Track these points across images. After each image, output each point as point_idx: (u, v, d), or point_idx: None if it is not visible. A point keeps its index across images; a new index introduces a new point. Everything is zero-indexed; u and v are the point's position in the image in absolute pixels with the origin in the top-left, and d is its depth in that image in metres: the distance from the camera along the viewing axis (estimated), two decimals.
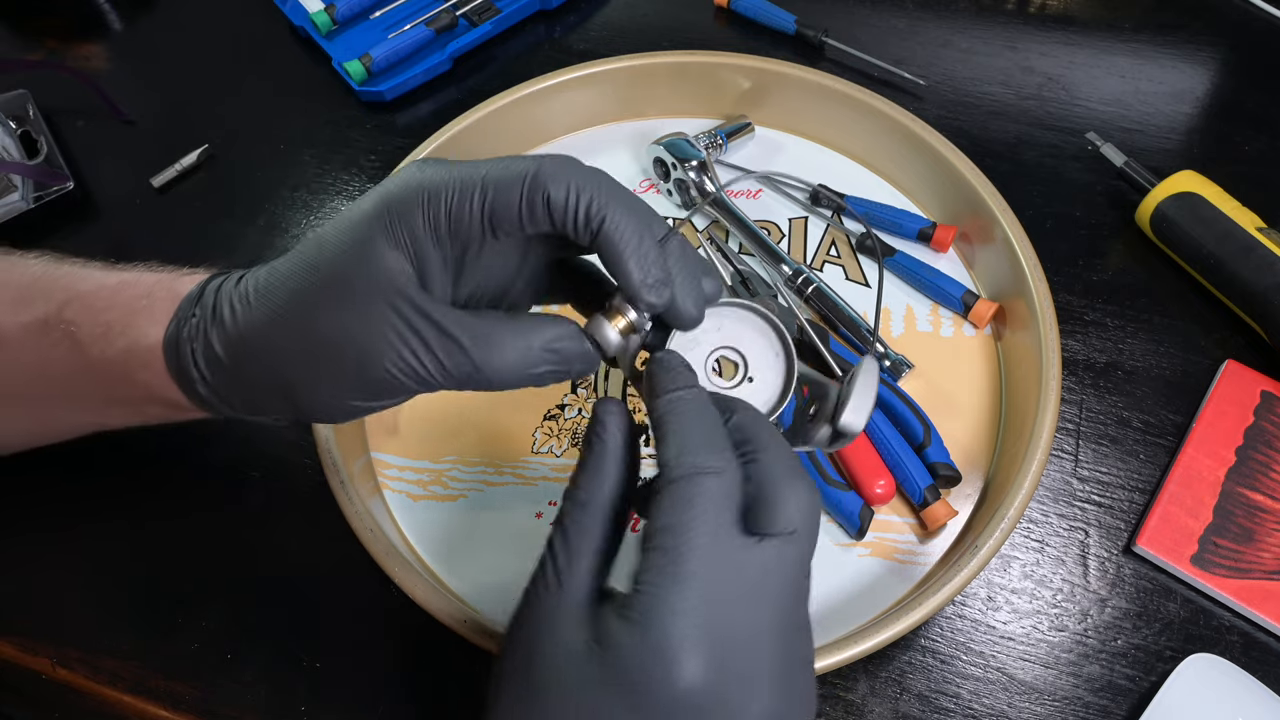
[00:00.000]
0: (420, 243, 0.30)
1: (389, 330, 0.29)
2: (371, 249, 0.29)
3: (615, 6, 0.68)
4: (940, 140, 0.52)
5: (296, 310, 0.30)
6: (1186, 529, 0.44)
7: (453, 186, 0.29)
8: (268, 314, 0.31)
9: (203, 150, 0.60)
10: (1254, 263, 0.48)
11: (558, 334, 0.31)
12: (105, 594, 0.45)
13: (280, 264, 0.32)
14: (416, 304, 0.29)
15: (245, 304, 0.32)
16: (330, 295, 0.30)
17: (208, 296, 0.33)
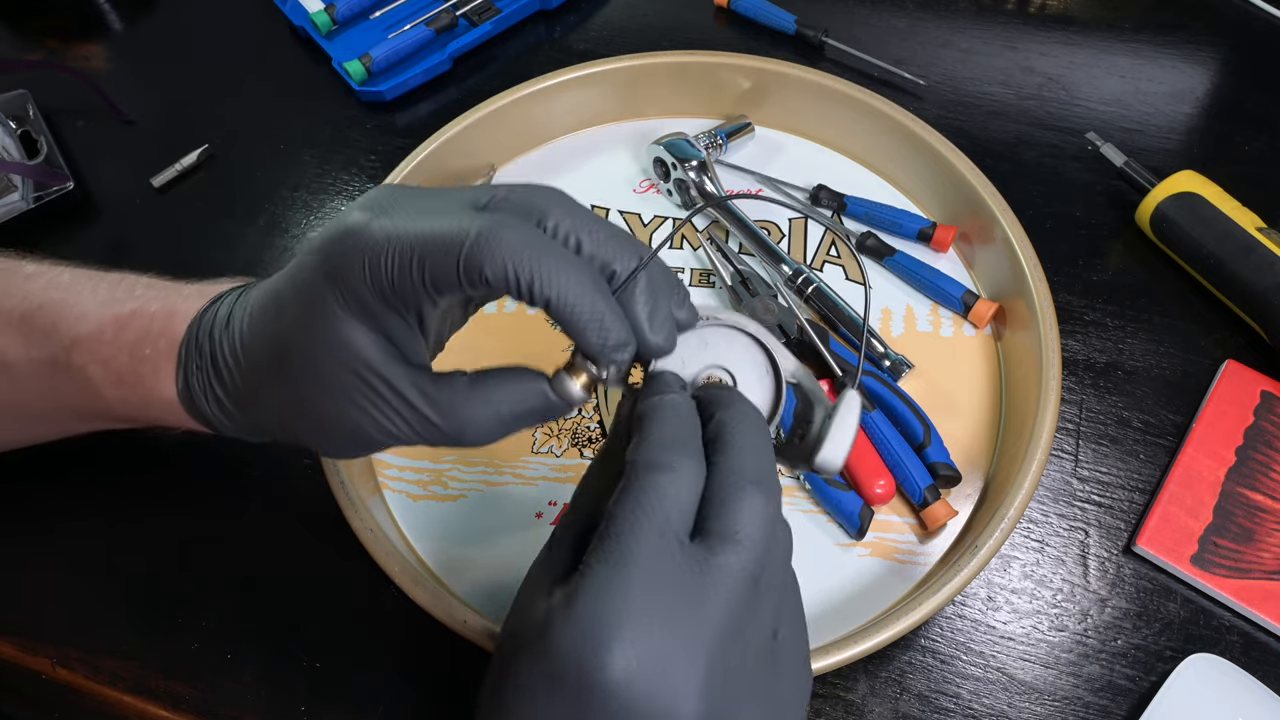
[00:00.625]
0: (372, 308, 0.29)
1: (362, 402, 0.30)
2: (328, 320, 0.29)
3: (615, 6, 0.68)
4: (940, 140, 0.52)
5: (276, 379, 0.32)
6: (1186, 529, 0.44)
7: (391, 248, 0.28)
8: (255, 379, 0.33)
9: (203, 150, 0.60)
10: (1254, 263, 0.48)
11: (523, 396, 0.30)
12: (105, 594, 0.45)
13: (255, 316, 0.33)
14: (382, 376, 0.29)
15: (236, 364, 0.33)
16: (300, 370, 0.30)
17: (204, 344, 0.35)
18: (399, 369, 0.30)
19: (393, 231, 0.28)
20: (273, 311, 0.31)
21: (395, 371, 0.30)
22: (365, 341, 0.29)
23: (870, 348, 0.49)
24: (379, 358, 0.29)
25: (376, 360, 0.29)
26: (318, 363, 0.29)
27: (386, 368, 0.29)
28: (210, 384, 0.34)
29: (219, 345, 0.34)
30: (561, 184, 0.59)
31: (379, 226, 0.28)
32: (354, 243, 0.28)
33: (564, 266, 0.27)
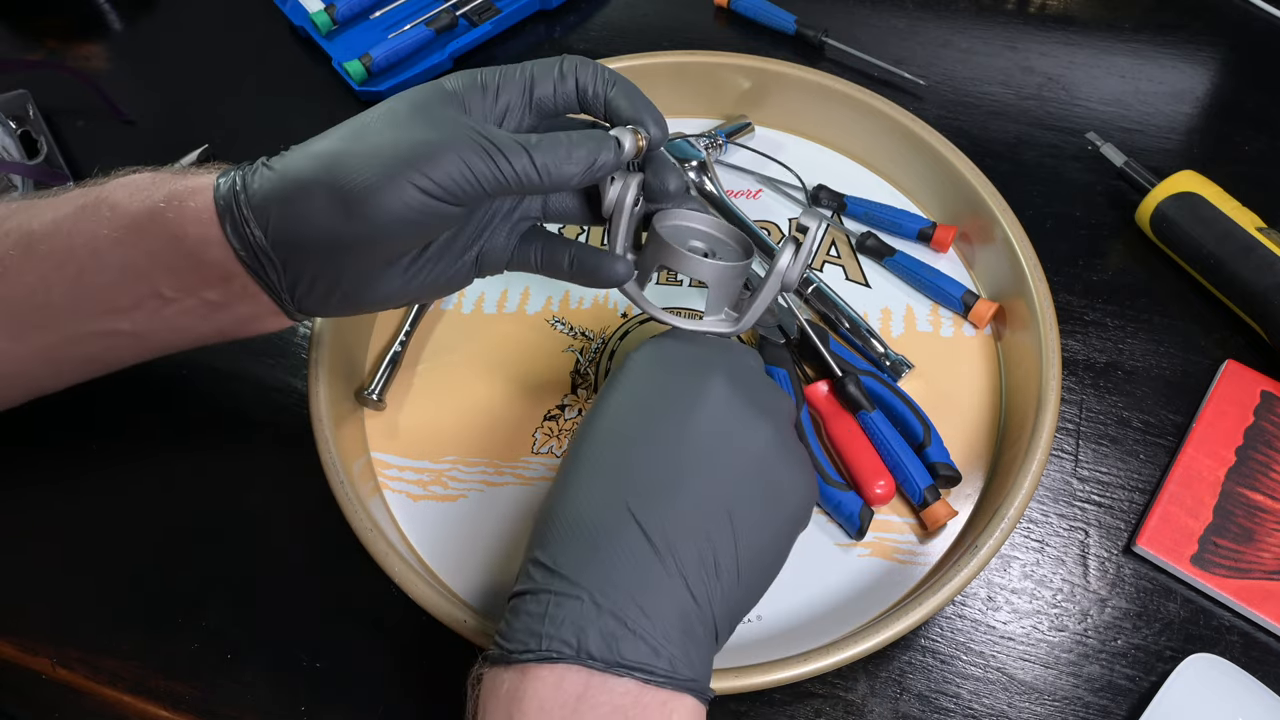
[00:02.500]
0: (475, 110, 0.36)
1: (466, 136, 0.33)
2: (442, 97, 0.35)
3: (615, 6, 0.68)
4: (940, 140, 0.52)
5: (373, 127, 0.34)
6: (1186, 529, 0.44)
7: (500, 74, 0.37)
8: (337, 134, 0.35)
9: (203, 150, 0.60)
10: (1254, 263, 0.48)
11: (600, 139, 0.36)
12: (105, 594, 0.45)
13: (344, 123, 0.36)
14: (485, 124, 0.35)
15: (309, 141, 0.35)
16: (410, 113, 0.34)
17: (255, 166, 0.36)
18: (501, 130, 0.35)
19: (506, 67, 0.37)
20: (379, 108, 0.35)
21: (500, 130, 0.35)
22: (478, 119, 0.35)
23: (870, 348, 0.49)
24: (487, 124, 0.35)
25: (487, 124, 0.35)
26: (432, 108, 0.34)
27: (488, 125, 0.35)
28: (264, 163, 0.35)
29: (278, 155, 0.36)
30: None
31: (494, 67, 0.37)
32: (474, 72, 0.37)
33: (624, 79, 0.38)
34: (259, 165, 0.36)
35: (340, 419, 0.45)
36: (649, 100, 0.38)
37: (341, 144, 0.34)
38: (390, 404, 0.49)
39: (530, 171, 0.34)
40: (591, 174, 0.36)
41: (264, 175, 0.35)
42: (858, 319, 0.50)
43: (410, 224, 0.33)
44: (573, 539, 0.32)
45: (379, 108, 0.35)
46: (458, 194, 0.33)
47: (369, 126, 0.34)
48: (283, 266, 0.35)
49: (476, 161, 0.33)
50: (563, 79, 0.37)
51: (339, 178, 0.33)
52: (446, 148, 0.33)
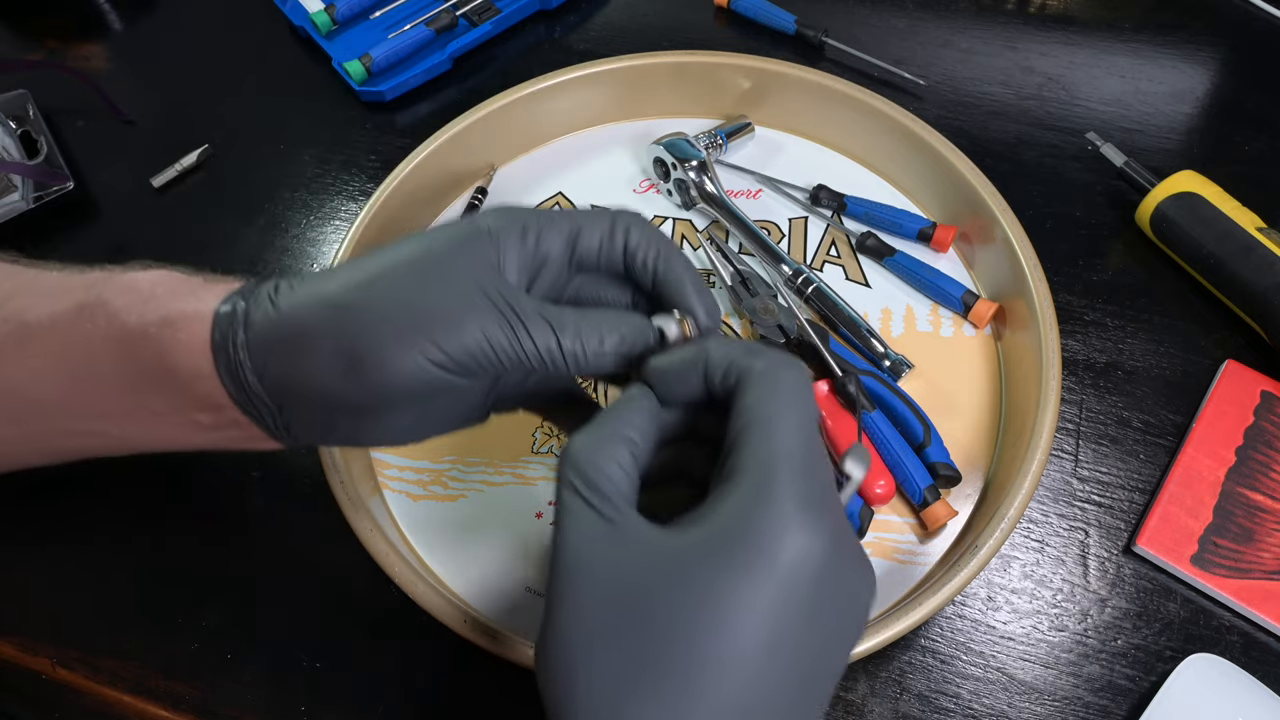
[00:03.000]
0: (511, 257, 0.33)
1: (488, 304, 0.31)
2: (472, 245, 0.32)
3: (615, 6, 0.68)
4: (940, 140, 0.52)
5: (387, 277, 0.31)
6: (1186, 529, 0.44)
7: (544, 220, 0.33)
8: (352, 279, 0.31)
9: (203, 150, 0.60)
10: (1254, 263, 0.48)
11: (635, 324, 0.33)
12: (105, 594, 0.45)
13: (363, 258, 0.33)
14: (513, 289, 0.32)
15: (322, 274, 0.32)
16: (428, 268, 0.31)
17: (269, 280, 0.33)
18: (525, 296, 0.32)
19: (554, 212, 0.34)
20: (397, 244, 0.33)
21: (523, 297, 0.32)
22: (503, 276, 0.32)
23: (870, 348, 0.49)
24: (512, 287, 0.32)
25: (510, 287, 0.32)
26: (455, 265, 0.31)
27: (518, 291, 0.32)
28: (269, 295, 0.32)
29: (288, 276, 0.33)
30: (561, 184, 0.59)
31: (533, 210, 0.34)
32: (517, 212, 0.34)
33: (681, 252, 0.35)
34: (265, 296, 0.32)
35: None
36: (702, 282, 0.35)
37: (353, 292, 0.31)
38: None
39: (555, 354, 0.31)
40: (622, 363, 0.33)
41: (266, 314, 0.32)
42: (857, 319, 0.50)
43: (417, 393, 0.31)
44: None
45: (404, 247, 0.32)
46: (472, 368, 0.31)
47: (387, 273, 0.31)
48: (278, 409, 0.33)
49: (497, 335, 0.30)
50: (611, 238, 0.34)
51: (345, 335, 0.30)
52: (465, 317, 0.30)
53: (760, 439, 0.28)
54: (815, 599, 0.26)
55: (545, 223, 0.33)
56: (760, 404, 0.28)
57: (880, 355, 0.49)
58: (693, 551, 0.26)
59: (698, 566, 0.26)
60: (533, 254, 0.33)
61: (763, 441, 0.28)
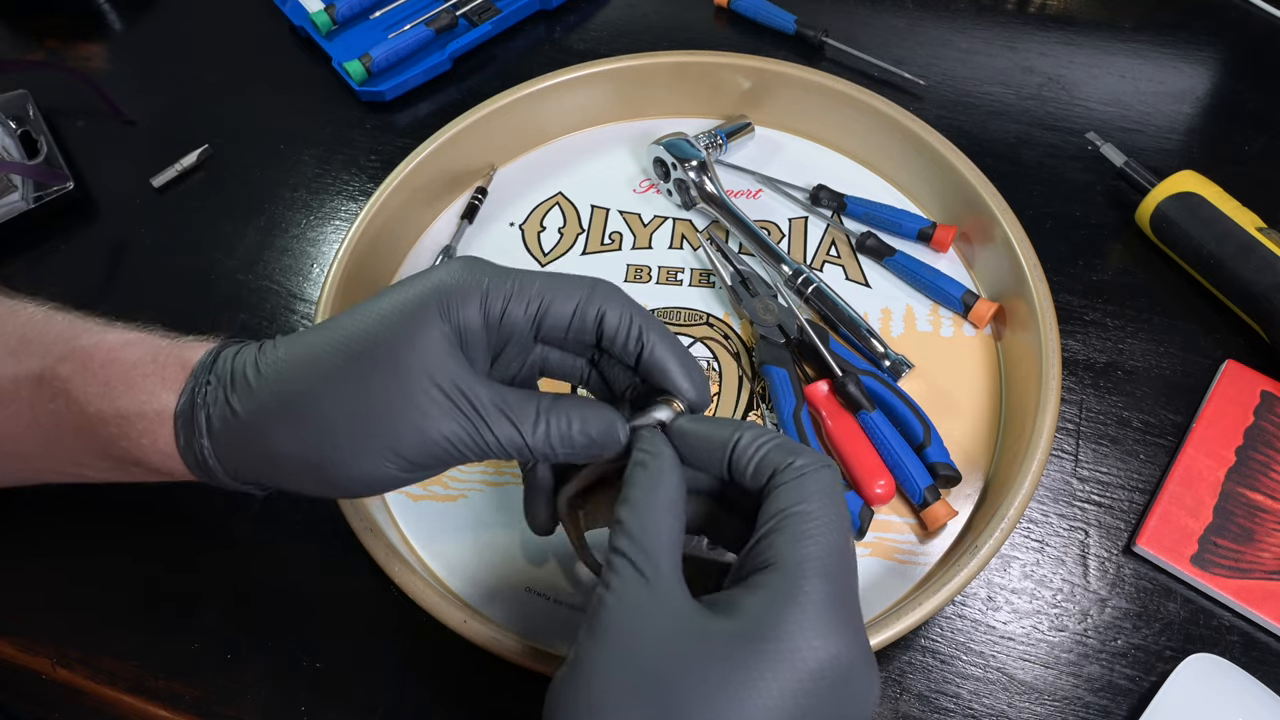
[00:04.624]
0: (472, 331, 0.32)
1: (449, 404, 0.30)
2: (427, 328, 0.31)
3: (615, 6, 0.68)
4: (940, 140, 0.52)
5: (344, 377, 0.31)
6: (1186, 529, 0.44)
7: (510, 288, 0.32)
8: (307, 379, 0.31)
9: (203, 150, 0.60)
10: (1254, 263, 0.48)
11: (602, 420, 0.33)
12: (105, 594, 0.45)
13: (312, 334, 0.32)
14: (473, 381, 0.31)
15: (276, 368, 0.32)
16: (385, 365, 0.30)
17: (223, 364, 0.33)
18: (482, 384, 0.31)
19: (514, 277, 0.33)
20: (354, 319, 0.32)
21: (482, 379, 0.31)
22: (458, 357, 0.31)
23: (870, 347, 0.49)
24: (468, 372, 0.31)
25: (466, 368, 0.31)
26: (410, 359, 0.30)
27: (474, 375, 0.31)
28: (224, 397, 0.32)
29: (246, 362, 0.32)
30: (561, 184, 0.59)
31: (500, 271, 0.33)
32: (476, 273, 0.32)
33: (661, 325, 0.34)
34: (221, 398, 0.32)
35: None
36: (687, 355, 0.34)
37: (311, 396, 0.31)
38: None
39: (521, 449, 0.32)
40: (589, 458, 0.33)
41: (226, 422, 0.32)
42: (857, 319, 0.50)
43: (381, 489, 0.32)
44: None
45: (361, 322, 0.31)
46: (432, 465, 0.31)
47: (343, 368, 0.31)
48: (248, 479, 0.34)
49: (457, 433, 0.30)
50: (583, 315, 0.33)
51: (307, 449, 0.31)
52: (422, 421, 0.30)
53: (795, 539, 0.28)
54: (832, 699, 0.27)
55: (512, 289, 0.32)
56: (796, 504, 0.29)
57: (880, 355, 0.49)
58: (725, 640, 0.27)
59: (727, 656, 0.26)
60: (496, 328, 0.33)
61: (798, 542, 0.28)
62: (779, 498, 0.29)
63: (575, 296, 0.33)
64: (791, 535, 0.28)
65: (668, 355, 0.34)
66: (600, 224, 0.56)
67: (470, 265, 0.33)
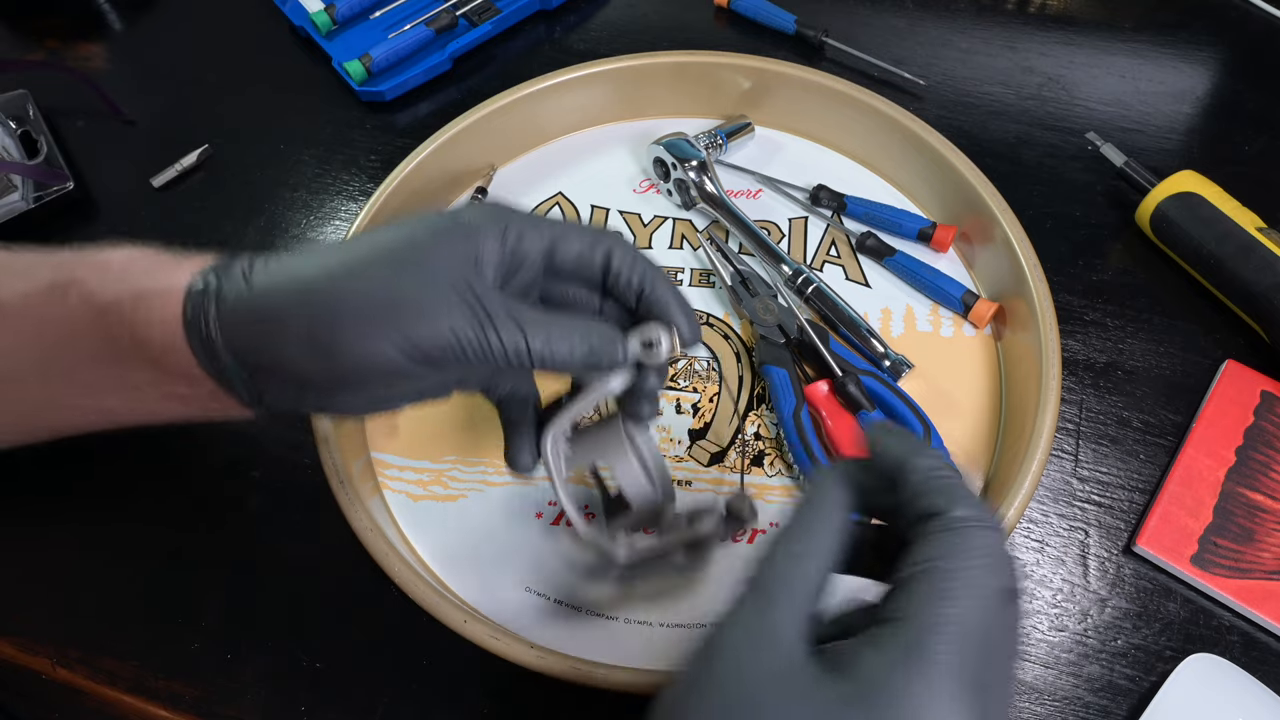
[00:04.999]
0: (489, 254, 0.33)
1: (460, 299, 0.31)
2: (452, 242, 0.32)
3: (615, 6, 0.68)
4: (940, 140, 0.52)
5: (363, 264, 0.32)
6: (1186, 529, 0.44)
7: (526, 223, 0.34)
8: (328, 264, 0.32)
9: (203, 150, 0.60)
10: (1254, 263, 0.48)
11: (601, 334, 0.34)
12: (105, 594, 0.45)
13: (341, 243, 0.34)
14: (487, 286, 0.32)
15: (298, 256, 0.33)
16: (404, 258, 0.32)
17: (245, 258, 0.33)
18: (495, 293, 0.33)
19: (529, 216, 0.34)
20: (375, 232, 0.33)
21: (497, 292, 0.33)
22: (477, 270, 0.33)
23: (870, 347, 0.49)
24: (483, 282, 0.33)
25: (482, 283, 0.32)
26: (430, 256, 0.32)
27: (490, 288, 0.33)
28: (243, 272, 0.32)
29: (266, 257, 0.33)
30: (561, 184, 0.59)
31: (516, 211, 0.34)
32: (499, 210, 0.34)
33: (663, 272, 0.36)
34: (238, 273, 0.33)
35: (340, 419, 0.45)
36: (687, 303, 0.36)
37: (327, 276, 0.32)
38: None
39: (522, 354, 0.32)
40: (586, 371, 0.34)
41: (239, 292, 0.32)
42: (857, 319, 0.50)
43: (383, 378, 0.32)
44: None
45: (384, 235, 0.33)
46: (438, 360, 0.31)
47: (365, 261, 0.32)
48: (250, 382, 0.33)
49: (466, 331, 0.31)
50: (590, 249, 0.35)
51: (316, 321, 0.31)
52: (436, 311, 0.31)
53: (932, 595, 0.25)
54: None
55: (527, 225, 0.34)
56: (946, 557, 0.26)
57: (880, 355, 0.49)
58: (837, 704, 0.25)
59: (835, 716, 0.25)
60: (511, 253, 0.34)
61: (935, 600, 0.25)
62: (926, 544, 0.27)
63: (586, 235, 0.35)
64: (929, 590, 0.26)
65: (668, 294, 0.35)
66: (600, 224, 0.56)
67: (493, 206, 0.35)
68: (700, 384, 0.50)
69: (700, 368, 0.50)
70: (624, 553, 0.40)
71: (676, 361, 0.37)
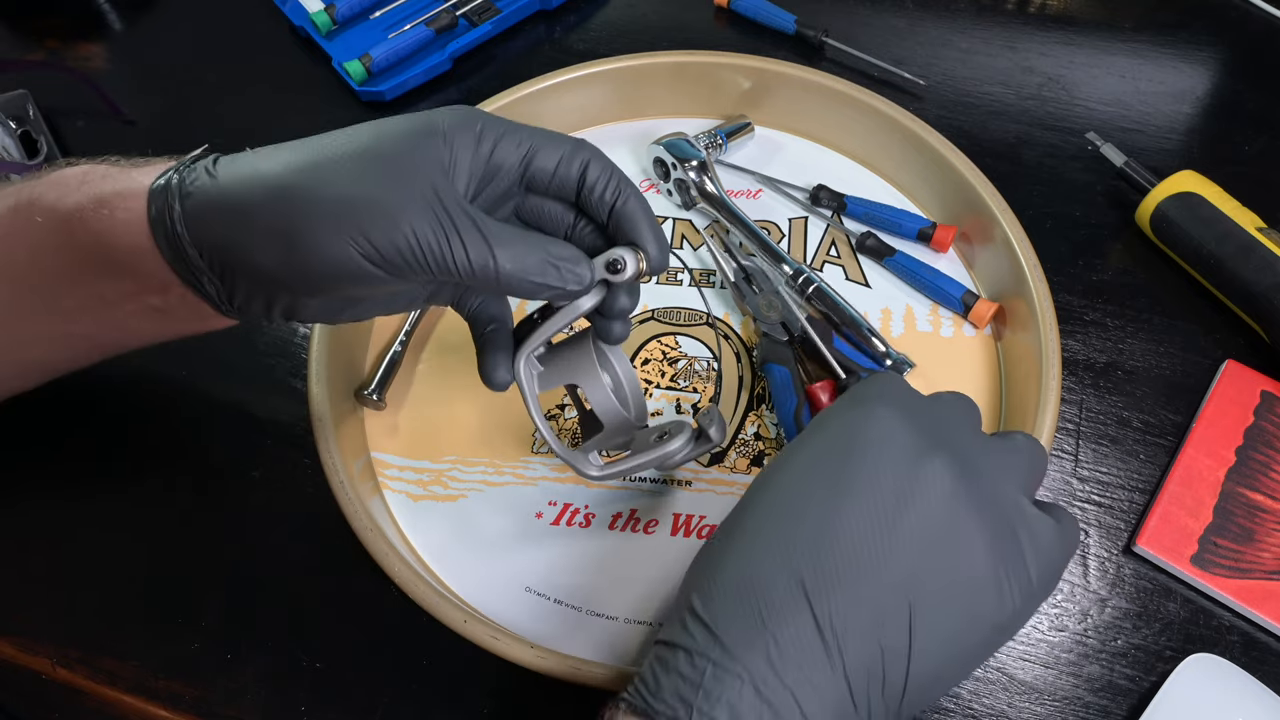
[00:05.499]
0: (462, 160, 0.32)
1: (426, 205, 0.30)
2: (422, 144, 0.31)
3: (615, 6, 0.68)
4: (940, 140, 0.52)
5: (331, 162, 0.31)
6: (1186, 529, 0.44)
7: (503, 128, 0.33)
8: (292, 159, 0.31)
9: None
10: (1254, 263, 0.48)
11: (565, 252, 0.34)
12: (105, 594, 0.45)
13: (311, 139, 0.32)
14: (457, 196, 0.31)
15: (262, 152, 0.32)
16: (374, 158, 0.31)
17: (207, 158, 0.33)
18: (464, 204, 0.32)
19: (508, 123, 0.34)
20: (349, 129, 0.32)
21: (465, 203, 0.32)
22: (446, 175, 0.31)
23: (871, 346, 0.49)
24: (452, 189, 0.32)
25: (451, 190, 0.31)
26: (400, 159, 0.31)
27: (460, 198, 0.32)
28: (206, 169, 0.32)
29: (229, 156, 0.33)
30: None
31: (495, 117, 0.34)
32: (474, 113, 0.33)
33: (638, 189, 0.35)
34: (202, 170, 0.32)
35: (340, 419, 0.45)
36: (656, 221, 0.35)
37: (292, 174, 0.31)
38: (390, 404, 0.49)
39: (489, 271, 0.31)
40: (553, 294, 0.34)
41: (203, 187, 0.32)
42: (858, 318, 0.50)
43: (344, 279, 0.31)
44: (740, 604, 0.29)
45: (353, 135, 0.32)
46: (398, 266, 0.31)
47: (331, 159, 0.31)
48: (219, 281, 0.33)
49: (429, 238, 0.30)
50: (567, 162, 0.34)
51: (279, 215, 0.30)
52: (400, 215, 0.30)
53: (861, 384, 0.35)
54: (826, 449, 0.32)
55: (503, 132, 0.33)
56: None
57: (882, 355, 0.49)
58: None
59: None
60: (485, 162, 0.33)
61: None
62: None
63: (563, 146, 0.34)
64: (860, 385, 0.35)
65: (639, 211, 0.35)
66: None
67: (467, 109, 0.33)
68: (700, 384, 0.50)
69: (700, 368, 0.50)
70: (595, 471, 0.40)
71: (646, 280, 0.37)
